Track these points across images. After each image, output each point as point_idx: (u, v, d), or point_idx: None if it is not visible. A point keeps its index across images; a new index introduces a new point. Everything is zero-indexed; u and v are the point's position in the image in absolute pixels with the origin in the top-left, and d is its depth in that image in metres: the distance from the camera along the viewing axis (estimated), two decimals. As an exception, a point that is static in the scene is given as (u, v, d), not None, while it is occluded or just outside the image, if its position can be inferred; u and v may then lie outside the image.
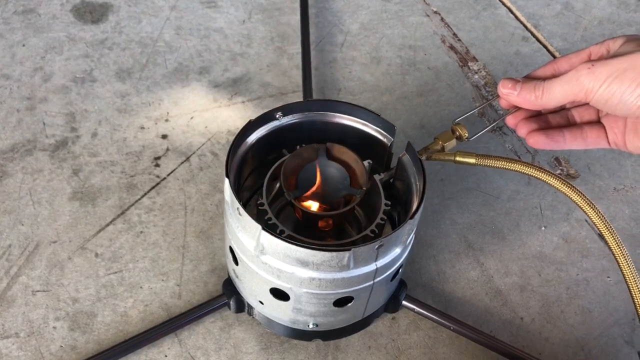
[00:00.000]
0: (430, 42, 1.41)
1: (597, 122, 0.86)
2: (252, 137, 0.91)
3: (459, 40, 1.43)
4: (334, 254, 0.75)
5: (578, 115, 0.87)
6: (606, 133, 0.83)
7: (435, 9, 1.49)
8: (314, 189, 0.88)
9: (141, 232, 1.03)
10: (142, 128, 1.18)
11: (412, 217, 0.80)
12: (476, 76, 1.36)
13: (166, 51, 1.32)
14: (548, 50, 1.42)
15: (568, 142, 0.84)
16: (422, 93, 1.31)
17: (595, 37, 1.46)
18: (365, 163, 0.90)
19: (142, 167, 1.12)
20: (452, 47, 1.41)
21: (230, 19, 1.41)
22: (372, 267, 0.80)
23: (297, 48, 1.34)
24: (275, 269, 0.80)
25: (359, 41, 1.40)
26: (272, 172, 0.90)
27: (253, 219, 0.77)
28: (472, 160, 0.95)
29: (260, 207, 0.86)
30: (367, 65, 1.35)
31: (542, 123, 0.89)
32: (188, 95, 1.25)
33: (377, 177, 0.91)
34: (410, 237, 0.85)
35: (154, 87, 1.25)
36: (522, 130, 0.87)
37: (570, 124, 0.88)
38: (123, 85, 1.25)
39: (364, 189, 0.86)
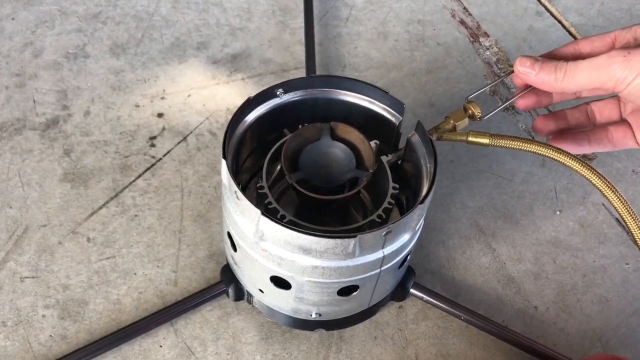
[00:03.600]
0: (439, 16, 1.35)
1: (622, 121, 0.80)
2: (251, 116, 0.85)
3: (470, 14, 1.36)
4: (339, 241, 0.70)
5: (598, 110, 0.81)
6: (633, 132, 0.77)
7: (444, -18, 1.42)
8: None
9: (135, 215, 0.98)
10: (137, 106, 1.12)
11: (422, 202, 0.74)
12: (488, 52, 1.29)
13: (163, 25, 1.26)
14: (563, 26, 1.36)
15: (593, 145, 0.79)
16: (431, 70, 1.25)
17: (612, 11, 1.39)
18: (372, 143, 0.84)
19: (136, 147, 1.06)
20: (462, 22, 1.34)
21: (230, -8, 1.34)
22: (379, 254, 0.75)
23: (299, 22, 1.28)
24: (275, 256, 0.75)
25: (365, 15, 1.33)
26: (273, 153, 0.85)
27: (252, 203, 0.72)
28: (485, 141, 0.89)
29: (259, 191, 0.80)
30: (373, 41, 1.28)
31: (560, 121, 0.83)
32: (185, 71, 1.19)
33: (384, 158, 0.86)
34: (420, 222, 0.80)
35: (149, 63, 1.19)
36: (541, 129, 0.82)
37: (589, 122, 0.82)
38: (117, 61, 1.19)
39: (371, 171, 0.81)
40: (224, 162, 0.76)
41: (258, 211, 0.71)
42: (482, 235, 1.01)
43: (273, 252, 0.75)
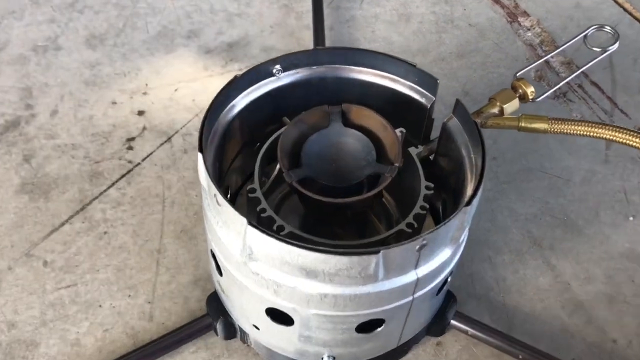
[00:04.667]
0: (470, -5, 1.16)
1: None
2: (241, 101, 0.67)
3: (505, -8, 1.17)
4: (355, 258, 0.51)
5: None
6: None
7: (474, -42, 1.23)
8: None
9: (105, 232, 0.80)
10: (114, 103, 0.95)
11: (468, 204, 0.55)
12: (529, 33, 1.10)
13: (148, 13, 1.09)
14: (616, 2, 1.15)
15: None
16: (463, 54, 1.05)
17: (673, -17, 1.19)
18: (397, 132, 0.64)
19: (110, 151, 0.88)
20: (497, 1, 1.15)
21: (226, -25, 1.17)
22: (410, 276, 0.55)
23: (307, 5, 1.10)
24: (270, 281, 0.55)
25: (383, -4, 1.15)
26: (269, 147, 0.66)
27: (241, 210, 0.53)
28: (543, 126, 0.71)
29: (250, 195, 0.61)
30: (393, 24, 1.10)
31: None
32: (172, 62, 1.01)
33: (413, 150, 0.66)
34: (464, 232, 0.60)
35: (131, 54, 1.02)
36: None
37: None
38: (93, 53, 1.01)
39: (397, 165, 0.61)
40: (200, 156, 0.57)
41: (243, 220, 0.52)
42: (537, 249, 0.81)
43: (267, 276, 0.55)
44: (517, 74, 0.75)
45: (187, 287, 0.75)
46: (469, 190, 0.59)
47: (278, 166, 0.65)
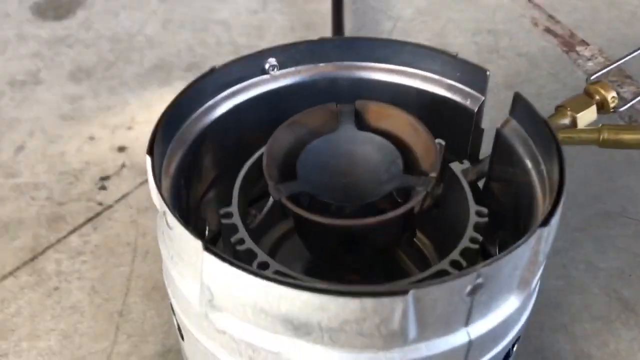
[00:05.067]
0: (516, 25, 1.00)
1: None
2: (223, 104, 0.50)
3: (558, 22, 1.01)
4: (369, 302, 0.32)
5: None
6: None
7: (518, -11, 1.09)
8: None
9: (56, 288, 0.62)
10: (92, 139, 0.79)
11: (544, 224, 0.35)
12: (590, 63, 0.92)
13: (145, 47, 0.96)
14: (690, 29, 0.98)
15: None
16: (512, 85, 0.88)
17: None
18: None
19: (78, 191, 0.72)
20: (548, 30, 0.99)
21: (237, 10, 1.04)
22: (460, 338, 0.36)
23: (326, 35, 0.95)
24: (242, 343, 0.36)
25: (415, 27, 1.00)
26: (258, 161, 0.48)
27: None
28: (634, 137, 0.51)
29: (224, 220, 0.43)
30: (427, 54, 0.94)
31: None
32: (166, 96, 0.85)
33: (457, 166, 0.48)
34: (538, 272, 0.40)
35: (119, 88, 0.88)
36: None
37: None
38: (77, 87, 0.88)
39: (432, 175, 0.42)
40: (149, 160, 0.40)
41: (198, 243, 0.34)
42: (631, 315, 0.60)
43: (237, 335, 0.36)
44: (592, 77, 0.57)
45: (152, 360, 0.56)
46: (544, 210, 0.40)
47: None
